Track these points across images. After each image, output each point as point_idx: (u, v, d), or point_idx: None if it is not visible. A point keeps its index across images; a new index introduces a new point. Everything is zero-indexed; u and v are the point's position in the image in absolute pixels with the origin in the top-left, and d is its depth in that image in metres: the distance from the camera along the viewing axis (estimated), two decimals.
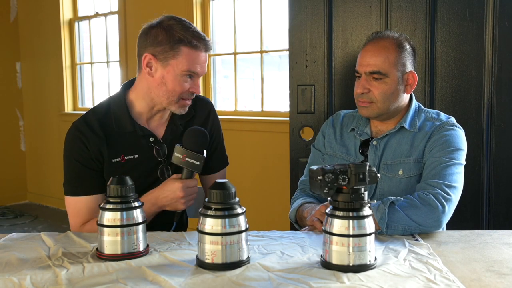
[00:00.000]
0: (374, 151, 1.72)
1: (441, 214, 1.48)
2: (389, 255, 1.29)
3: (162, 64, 1.58)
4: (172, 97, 1.61)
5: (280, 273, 1.17)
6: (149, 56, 1.59)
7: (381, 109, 1.67)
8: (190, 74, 1.59)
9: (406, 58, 1.68)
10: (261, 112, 3.93)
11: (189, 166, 1.53)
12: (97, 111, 1.69)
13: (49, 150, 5.46)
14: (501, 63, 2.25)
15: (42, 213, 5.32)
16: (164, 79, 1.59)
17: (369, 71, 1.65)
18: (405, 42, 1.70)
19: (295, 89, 2.55)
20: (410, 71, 1.69)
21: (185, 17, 1.67)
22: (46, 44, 5.43)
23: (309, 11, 2.49)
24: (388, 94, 1.65)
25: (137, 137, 1.66)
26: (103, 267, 1.22)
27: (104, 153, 1.62)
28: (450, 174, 1.57)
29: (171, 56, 1.57)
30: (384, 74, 1.64)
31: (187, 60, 1.57)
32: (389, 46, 1.66)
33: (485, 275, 1.17)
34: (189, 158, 1.52)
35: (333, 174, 1.21)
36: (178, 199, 1.55)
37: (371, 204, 1.45)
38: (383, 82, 1.65)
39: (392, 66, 1.64)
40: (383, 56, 1.64)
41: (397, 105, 1.69)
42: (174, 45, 1.56)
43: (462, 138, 1.68)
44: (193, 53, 1.58)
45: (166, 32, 1.56)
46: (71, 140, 1.64)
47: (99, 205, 1.32)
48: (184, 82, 1.60)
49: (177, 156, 1.53)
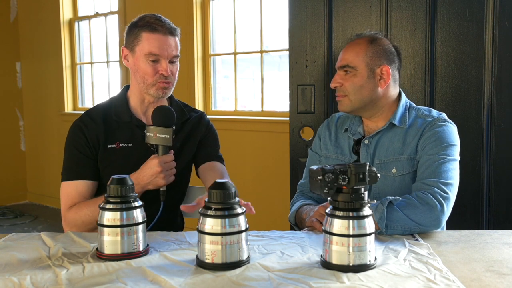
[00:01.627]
0: (366, 149, 1.72)
1: (440, 213, 1.49)
2: (389, 255, 1.29)
3: (131, 53, 1.75)
4: (146, 80, 1.72)
5: (280, 273, 1.17)
6: (124, 50, 1.77)
7: (353, 102, 1.70)
8: (154, 56, 1.70)
9: (380, 53, 1.70)
10: (261, 112, 3.93)
11: (161, 142, 1.64)
12: (100, 105, 1.85)
13: (49, 150, 5.46)
14: (501, 63, 2.25)
15: (42, 213, 5.32)
16: (136, 66, 1.74)
17: (340, 65, 1.72)
18: (380, 39, 1.73)
19: (295, 89, 2.55)
20: (383, 65, 1.70)
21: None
22: (46, 44, 5.43)
23: (309, 11, 2.49)
24: (358, 86, 1.69)
25: (133, 127, 1.78)
26: (103, 267, 1.22)
27: (100, 140, 1.74)
28: (446, 171, 1.57)
29: (135, 43, 1.72)
30: (352, 67, 1.69)
31: (147, 43, 1.70)
32: (362, 42, 1.72)
33: (485, 275, 1.17)
34: (159, 134, 1.63)
35: (333, 174, 1.21)
36: (158, 174, 1.62)
37: (371, 204, 1.46)
38: (353, 75, 1.70)
39: (360, 60, 1.69)
40: (354, 51, 1.71)
41: (371, 98, 1.70)
42: (137, 32, 1.72)
43: (455, 134, 1.68)
44: (152, 36, 1.70)
45: (133, 24, 1.75)
46: (72, 130, 1.77)
47: (99, 205, 1.32)
48: (151, 65, 1.71)
49: (149, 135, 1.65)
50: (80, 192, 1.70)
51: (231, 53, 4.09)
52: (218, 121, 4.04)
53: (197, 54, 4.09)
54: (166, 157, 1.64)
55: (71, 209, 1.67)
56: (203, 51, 4.13)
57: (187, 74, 4.07)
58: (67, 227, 1.66)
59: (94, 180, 1.73)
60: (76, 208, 1.66)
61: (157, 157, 1.64)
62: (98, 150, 1.74)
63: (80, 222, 1.63)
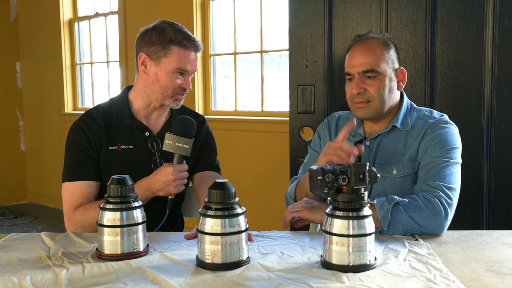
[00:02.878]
0: (368, 151, 1.72)
1: (444, 219, 1.48)
2: (389, 255, 1.29)
3: (155, 63, 1.72)
4: (166, 92, 1.73)
5: (280, 273, 1.17)
6: (143, 56, 1.73)
7: (378, 107, 1.67)
8: (180, 72, 1.72)
9: (393, 55, 1.70)
10: (261, 112, 3.93)
11: (179, 151, 1.63)
12: (100, 106, 1.84)
13: (49, 150, 5.46)
14: (501, 63, 2.25)
15: (42, 213, 5.32)
16: (158, 76, 1.72)
17: (362, 70, 1.65)
18: (390, 41, 1.72)
19: (295, 89, 2.55)
20: (399, 67, 1.71)
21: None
22: (46, 44, 5.43)
23: (309, 11, 2.49)
24: (384, 90, 1.66)
25: (134, 130, 1.78)
26: (103, 267, 1.22)
27: (102, 141, 1.73)
28: (449, 175, 1.57)
29: (163, 55, 1.70)
30: (377, 72, 1.65)
31: (177, 58, 1.70)
32: (377, 45, 1.68)
33: (485, 275, 1.17)
34: (179, 143, 1.63)
35: (333, 174, 1.21)
36: (170, 182, 1.62)
37: (376, 201, 1.45)
38: (378, 80, 1.66)
39: (383, 63, 1.66)
40: (373, 54, 1.66)
41: (391, 102, 1.70)
42: (166, 45, 1.69)
43: (457, 136, 1.68)
44: (183, 52, 1.71)
45: (159, 33, 1.70)
46: (73, 130, 1.76)
47: (99, 206, 1.32)
48: (176, 79, 1.72)
49: (168, 142, 1.64)
50: (84, 193, 1.69)
51: (231, 53, 4.09)
52: (218, 121, 4.05)
53: None
54: (181, 166, 1.64)
55: (77, 210, 1.65)
56: (203, 51, 4.13)
57: None
58: (72, 228, 1.64)
59: (97, 180, 1.73)
60: (83, 210, 1.64)
61: (172, 165, 1.63)
62: (100, 151, 1.73)
63: (87, 224, 1.62)
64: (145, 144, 1.77)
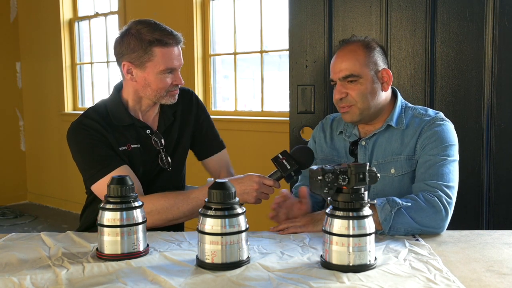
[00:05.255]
0: (364, 151, 1.72)
1: (444, 218, 1.50)
2: (389, 255, 1.29)
3: (141, 69, 1.68)
4: (159, 93, 1.71)
5: (280, 273, 1.17)
6: (127, 64, 1.68)
7: (361, 110, 1.68)
8: (169, 70, 1.69)
9: (376, 57, 1.70)
10: (261, 112, 3.93)
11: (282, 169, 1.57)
12: (96, 109, 1.77)
13: (49, 150, 5.46)
14: (501, 63, 2.25)
15: (42, 213, 5.32)
16: (147, 81, 1.69)
17: (342, 76, 1.67)
18: (372, 43, 1.72)
19: (295, 89, 2.54)
20: (383, 68, 1.70)
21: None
22: (46, 44, 5.43)
23: (309, 11, 2.49)
24: (366, 93, 1.67)
25: (136, 129, 1.76)
26: (103, 267, 1.22)
27: (112, 142, 1.69)
28: (447, 173, 1.57)
29: (146, 60, 1.66)
30: (357, 76, 1.66)
31: (162, 59, 1.66)
32: (356, 49, 1.68)
33: (485, 275, 1.17)
34: (288, 165, 1.56)
35: (333, 174, 1.21)
36: (252, 190, 1.56)
37: (376, 202, 1.45)
38: (359, 83, 1.66)
39: (363, 66, 1.66)
40: (352, 59, 1.67)
41: (377, 103, 1.70)
42: (146, 48, 1.64)
43: (453, 133, 1.68)
44: (166, 51, 1.66)
45: (136, 38, 1.65)
46: (79, 132, 1.69)
47: (99, 206, 1.32)
48: (166, 79, 1.69)
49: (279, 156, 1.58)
50: None
51: (231, 53, 4.09)
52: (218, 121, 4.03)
53: (197, 54, 4.09)
54: (268, 180, 1.58)
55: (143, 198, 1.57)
56: (203, 51, 4.13)
57: (187, 74, 4.07)
58: None
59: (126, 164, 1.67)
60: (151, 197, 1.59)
61: (260, 175, 1.59)
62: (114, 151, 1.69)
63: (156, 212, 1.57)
64: (149, 142, 1.77)
